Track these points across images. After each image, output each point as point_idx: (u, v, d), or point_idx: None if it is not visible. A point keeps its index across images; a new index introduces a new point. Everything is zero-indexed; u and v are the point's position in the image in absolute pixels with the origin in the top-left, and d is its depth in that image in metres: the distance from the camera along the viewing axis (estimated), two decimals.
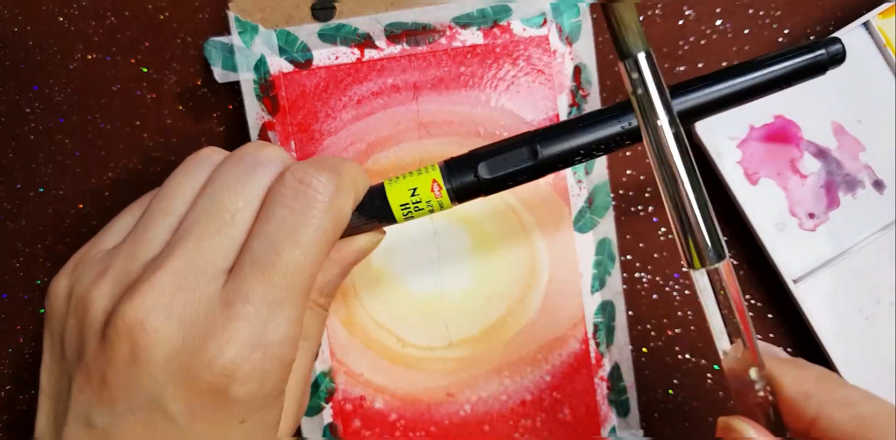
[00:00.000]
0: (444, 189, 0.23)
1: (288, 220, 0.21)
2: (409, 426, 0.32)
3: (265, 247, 0.21)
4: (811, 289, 0.32)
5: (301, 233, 0.21)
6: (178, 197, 0.23)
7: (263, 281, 0.21)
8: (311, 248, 0.21)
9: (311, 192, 0.22)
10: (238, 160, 0.23)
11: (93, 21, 0.34)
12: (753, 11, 0.33)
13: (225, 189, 0.22)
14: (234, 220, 0.22)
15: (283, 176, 0.22)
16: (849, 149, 0.32)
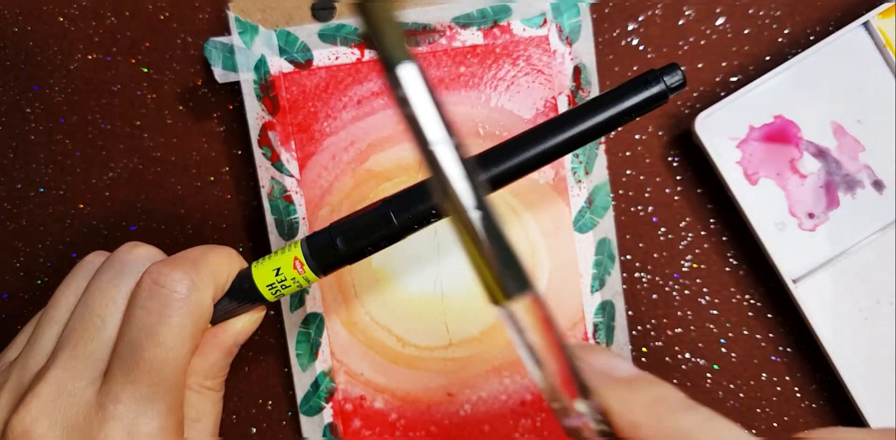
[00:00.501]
0: (307, 265, 0.24)
1: (146, 322, 0.23)
2: (409, 426, 0.32)
3: (128, 349, 0.23)
4: (811, 290, 0.32)
5: (160, 333, 0.23)
6: (62, 306, 0.25)
7: (130, 381, 0.23)
8: (172, 346, 0.23)
9: (164, 291, 0.23)
10: (109, 265, 0.25)
11: (93, 21, 0.34)
12: (753, 11, 0.33)
13: (95, 295, 0.24)
14: (104, 324, 0.24)
15: (141, 278, 0.24)
16: (848, 149, 0.32)
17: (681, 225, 0.34)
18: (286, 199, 0.32)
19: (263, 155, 0.32)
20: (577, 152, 0.32)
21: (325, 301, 0.32)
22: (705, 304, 0.34)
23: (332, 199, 0.32)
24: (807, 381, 0.34)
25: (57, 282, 0.34)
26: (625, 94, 0.23)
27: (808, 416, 0.34)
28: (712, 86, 0.33)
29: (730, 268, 0.34)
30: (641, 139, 0.34)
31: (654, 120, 0.33)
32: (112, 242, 0.34)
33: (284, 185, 0.32)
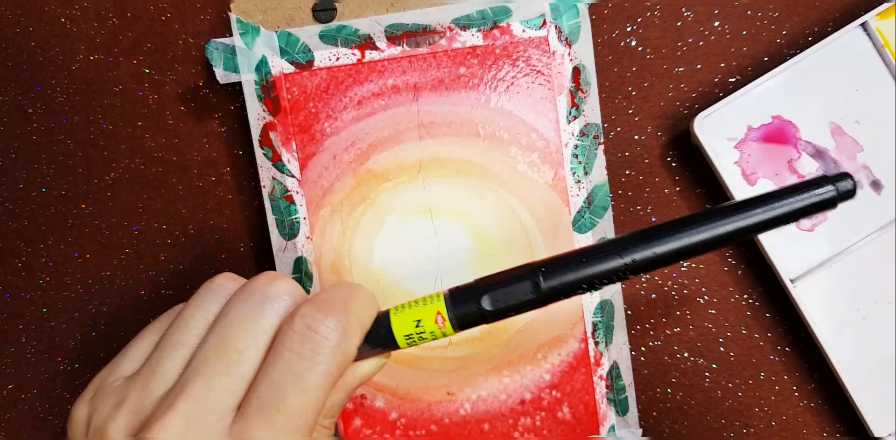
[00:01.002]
0: (448, 320, 0.24)
1: (294, 366, 0.22)
2: (409, 425, 0.33)
3: (271, 392, 0.22)
4: (809, 289, 0.32)
5: (307, 379, 0.22)
6: (190, 329, 0.24)
7: (269, 424, 0.22)
8: (315, 393, 0.22)
9: (318, 337, 0.22)
10: (248, 295, 0.24)
11: (95, 22, 0.34)
12: (751, 13, 0.33)
13: (234, 326, 0.23)
14: (241, 359, 0.23)
15: (293, 319, 0.23)
16: (846, 149, 0.32)
17: None
18: (287, 199, 0.32)
19: (264, 155, 0.32)
20: (575, 153, 0.32)
21: None
22: (704, 304, 0.34)
23: (333, 199, 0.32)
24: (805, 381, 0.34)
25: (59, 282, 0.34)
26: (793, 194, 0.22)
27: (806, 416, 0.34)
28: (711, 86, 0.34)
29: (728, 268, 0.34)
30: (640, 139, 0.34)
31: (653, 120, 0.34)
32: (114, 242, 0.34)
33: (285, 185, 0.32)
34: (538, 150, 0.32)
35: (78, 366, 0.35)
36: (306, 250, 0.32)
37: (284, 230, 0.32)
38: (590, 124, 0.32)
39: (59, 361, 0.35)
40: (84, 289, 0.35)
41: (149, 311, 0.35)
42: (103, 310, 0.35)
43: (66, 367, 0.35)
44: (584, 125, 0.32)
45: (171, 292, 0.35)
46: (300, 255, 0.32)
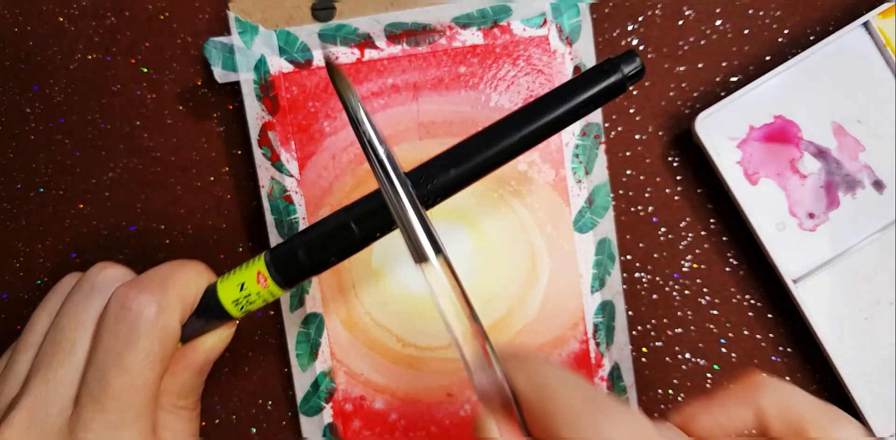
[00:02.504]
0: (270, 280, 0.24)
1: (112, 347, 0.22)
2: (409, 426, 0.32)
3: (96, 376, 0.23)
4: (811, 290, 0.32)
5: (126, 359, 0.22)
6: (36, 330, 0.25)
7: (98, 409, 0.22)
8: (140, 372, 0.22)
9: (131, 315, 0.23)
10: (79, 287, 0.25)
11: (93, 21, 0.34)
12: (753, 11, 0.33)
13: (66, 318, 0.24)
14: (73, 349, 0.23)
15: (109, 301, 0.23)
16: (848, 149, 0.32)
17: (681, 225, 0.34)
18: (286, 199, 0.32)
19: (263, 155, 0.32)
20: (576, 152, 0.32)
21: (325, 301, 0.32)
22: (705, 304, 0.34)
23: (332, 199, 0.32)
24: (807, 381, 0.34)
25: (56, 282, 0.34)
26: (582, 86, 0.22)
27: None
28: (712, 86, 0.33)
29: (730, 269, 0.34)
30: (641, 139, 0.34)
31: (654, 120, 0.33)
32: (112, 242, 0.34)
33: (284, 185, 0.32)
34: (538, 149, 0.32)
35: None
36: None
37: (283, 230, 0.32)
38: (591, 124, 0.32)
39: None
40: None
41: None
42: None
43: None
44: (585, 125, 0.32)
45: None
46: None
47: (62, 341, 0.23)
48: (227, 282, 0.24)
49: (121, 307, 0.23)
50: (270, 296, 0.24)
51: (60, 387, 0.23)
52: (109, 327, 0.23)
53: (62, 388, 0.23)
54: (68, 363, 0.23)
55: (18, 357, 0.25)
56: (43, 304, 0.26)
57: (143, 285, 0.23)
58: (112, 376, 0.22)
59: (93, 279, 0.25)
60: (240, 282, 0.24)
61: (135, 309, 0.23)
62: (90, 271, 0.25)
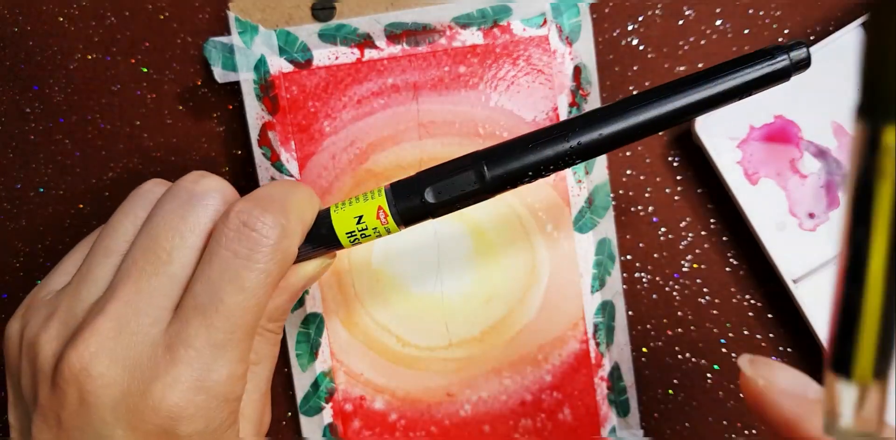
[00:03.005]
0: (390, 215, 0.23)
1: (231, 265, 0.21)
2: (409, 426, 0.32)
3: (207, 291, 0.21)
4: (811, 290, 0.32)
5: (245, 278, 0.21)
6: (119, 235, 0.23)
7: (206, 325, 0.21)
8: (255, 292, 0.22)
9: (255, 235, 0.22)
10: (175, 194, 0.23)
11: (93, 21, 0.34)
12: (753, 11, 0.33)
13: (161, 225, 0.22)
14: (171, 258, 0.22)
15: (228, 216, 0.22)
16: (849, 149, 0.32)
17: (681, 225, 0.34)
18: None
19: (263, 155, 0.32)
20: None
21: (324, 301, 0.32)
22: (705, 304, 0.34)
23: (332, 199, 0.32)
24: None
25: None
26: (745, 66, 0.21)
27: None
28: None
29: (730, 268, 0.34)
30: None
31: None
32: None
33: None
34: None
35: None
36: None
37: None
38: None
39: None
40: None
41: None
42: None
43: None
44: None
45: None
46: None
47: (157, 249, 0.22)
48: (342, 213, 0.23)
49: (243, 224, 0.21)
50: (386, 232, 0.23)
51: (155, 296, 0.22)
52: (229, 244, 0.21)
53: (157, 299, 0.22)
54: (164, 273, 0.22)
55: (98, 260, 0.23)
56: (124, 210, 0.24)
57: (266, 205, 0.22)
58: (227, 293, 0.21)
59: (190, 188, 0.23)
60: (357, 214, 0.23)
61: (259, 229, 0.21)
62: (185, 179, 0.24)
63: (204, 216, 0.23)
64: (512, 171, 0.23)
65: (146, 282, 0.22)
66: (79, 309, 0.22)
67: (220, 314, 0.21)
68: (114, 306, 0.21)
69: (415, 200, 0.23)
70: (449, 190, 0.23)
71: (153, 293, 0.22)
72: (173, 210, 0.23)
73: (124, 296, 0.22)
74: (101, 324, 0.21)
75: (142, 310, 0.22)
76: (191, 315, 0.21)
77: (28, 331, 0.23)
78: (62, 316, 0.22)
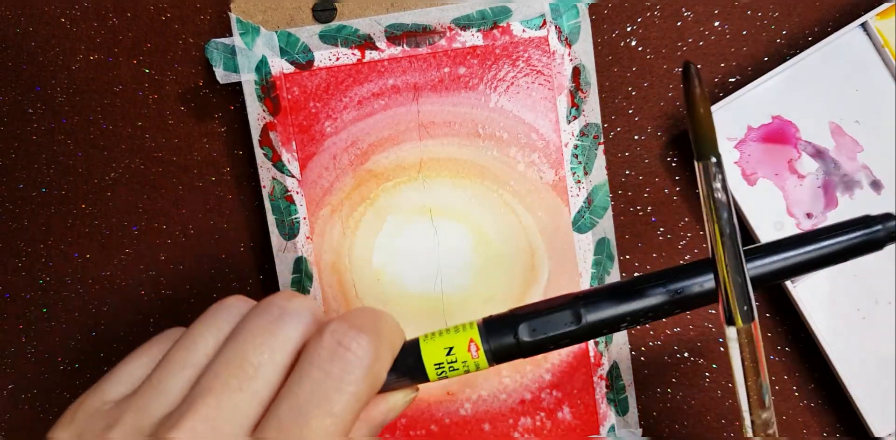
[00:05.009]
0: (482, 350, 0.22)
1: (322, 385, 0.20)
2: (409, 424, 0.33)
3: (294, 413, 0.20)
4: (809, 290, 0.32)
5: (334, 401, 0.20)
6: (199, 348, 0.22)
7: None
8: (342, 418, 0.20)
9: (350, 355, 0.20)
10: (264, 310, 0.22)
11: (95, 22, 0.34)
12: (751, 13, 0.33)
13: (249, 340, 0.21)
14: (257, 374, 0.21)
15: (322, 335, 0.21)
16: (846, 149, 0.32)
17: (679, 225, 0.34)
18: (287, 199, 0.32)
19: (264, 155, 0.32)
20: (575, 153, 0.32)
21: (325, 301, 0.33)
22: None
23: (333, 199, 0.32)
24: (805, 381, 0.34)
25: (58, 281, 0.35)
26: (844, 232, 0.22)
27: (806, 416, 0.34)
28: (711, 86, 0.34)
29: None
30: (640, 140, 0.34)
31: (653, 121, 0.34)
32: (114, 242, 0.34)
33: (285, 186, 0.32)
34: (538, 150, 0.32)
35: (78, 366, 0.35)
36: (306, 250, 0.32)
37: (284, 230, 0.32)
38: (590, 124, 0.32)
39: (59, 361, 0.35)
40: (84, 289, 0.35)
41: (149, 311, 0.35)
42: (103, 310, 0.35)
43: (66, 367, 0.35)
44: (584, 125, 0.32)
45: (171, 292, 0.35)
46: (300, 255, 0.32)
47: (244, 364, 0.21)
48: (432, 343, 0.23)
49: (338, 344, 0.21)
50: (475, 367, 0.22)
51: (236, 414, 0.20)
52: (322, 363, 0.20)
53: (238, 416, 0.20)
54: (249, 389, 0.20)
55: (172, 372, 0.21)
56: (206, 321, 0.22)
57: (361, 326, 0.21)
58: (314, 416, 0.20)
59: (283, 305, 0.22)
60: (448, 345, 0.22)
61: (354, 350, 0.20)
62: (276, 296, 0.22)
63: (295, 334, 0.21)
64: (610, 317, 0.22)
65: (228, 398, 0.20)
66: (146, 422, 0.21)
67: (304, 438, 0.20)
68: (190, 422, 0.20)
69: (508, 336, 0.22)
70: (543, 329, 0.22)
71: (235, 410, 0.20)
72: (263, 325, 0.21)
73: (203, 411, 0.20)
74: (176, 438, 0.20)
75: (220, 427, 0.20)
76: (273, 437, 0.20)
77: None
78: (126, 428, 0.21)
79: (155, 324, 0.35)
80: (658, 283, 0.22)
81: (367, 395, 0.21)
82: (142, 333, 0.35)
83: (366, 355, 0.21)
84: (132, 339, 0.35)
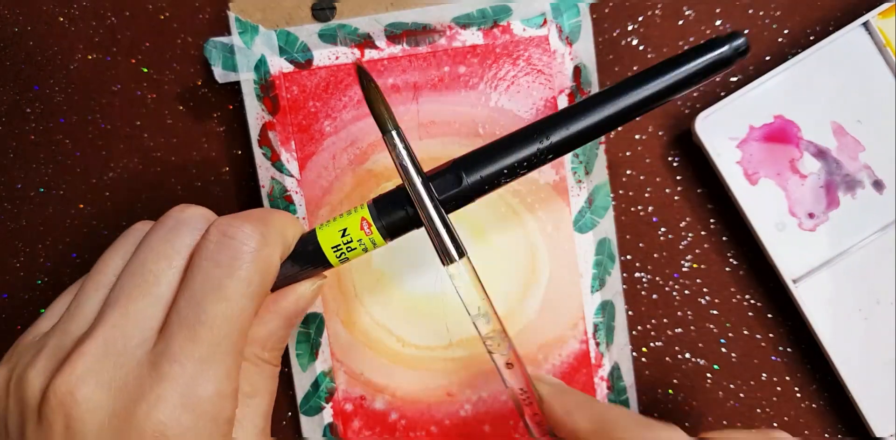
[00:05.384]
0: (374, 226, 0.24)
1: (213, 274, 0.21)
2: (409, 426, 0.32)
3: (191, 304, 0.21)
4: (811, 290, 0.32)
5: (226, 286, 0.21)
6: (108, 269, 0.23)
7: (190, 338, 0.21)
8: (237, 301, 0.21)
9: (235, 243, 0.22)
10: (162, 223, 0.24)
11: (93, 21, 0.34)
12: (753, 11, 0.33)
13: (148, 252, 0.23)
14: (157, 280, 0.22)
15: (208, 230, 0.22)
16: (848, 149, 0.32)
17: (681, 225, 0.34)
18: (286, 199, 0.32)
19: (264, 155, 0.32)
20: (577, 152, 0.32)
21: (325, 301, 0.32)
22: (705, 304, 0.34)
23: (333, 199, 0.32)
24: (807, 381, 0.34)
25: (57, 281, 0.34)
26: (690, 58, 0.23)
27: (807, 416, 0.34)
28: (712, 86, 0.33)
29: (730, 268, 0.34)
30: (641, 139, 0.34)
31: (654, 120, 0.34)
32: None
33: (285, 185, 0.32)
34: None
35: None
36: None
37: None
38: None
39: None
40: None
41: None
42: None
43: None
44: None
45: None
46: None
47: (144, 273, 0.22)
48: (327, 229, 0.24)
49: (223, 234, 0.22)
50: (372, 245, 0.24)
51: (141, 318, 0.22)
52: (210, 254, 0.22)
53: (143, 320, 0.22)
54: (151, 294, 0.22)
55: (87, 294, 0.23)
56: (115, 246, 0.24)
57: (245, 217, 0.23)
58: (209, 302, 0.21)
59: (176, 215, 0.24)
60: (342, 227, 0.24)
61: (238, 237, 0.22)
62: (172, 210, 0.24)
63: (189, 238, 0.23)
64: (488, 174, 0.23)
65: (133, 305, 0.22)
66: (67, 341, 0.22)
67: (204, 325, 0.21)
68: (101, 331, 0.21)
69: (398, 211, 0.24)
70: None
71: (139, 315, 0.22)
72: (161, 236, 0.23)
73: (111, 321, 0.21)
74: (88, 349, 0.21)
75: (128, 333, 0.21)
76: (175, 330, 0.21)
77: (16, 371, 0.22)
78: (49, 351, 0.22)
79: None
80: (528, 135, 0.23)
81: (259, 279, 0.22)
82: None
83: (251, 241, 0.22)
84: None
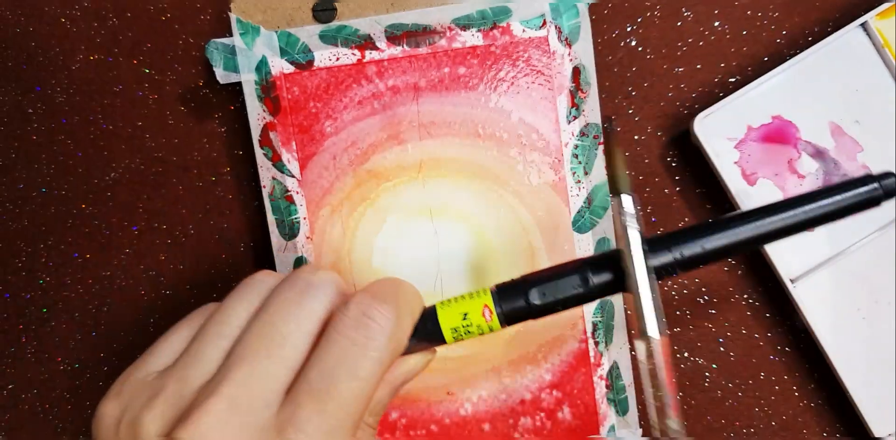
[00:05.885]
0: (495, 314, 0.24)
1: (348, 352, 0.22)
2: (409, 425, 0.33)
3: (323, 377, 0.22)
4: (809, 289, 0.32)
5: (360, 366, 0.22)
6: (232, 321, 0.23)
7: (318, 410, 0.21)
8: (368, 382, 0.22)
9: (373, 324, 0.22)
10: (291, 283, 0.24)
11: (95, 22, 0.34)
12: (751, 13, 0.33)
13: (277, 312, 0.23)
14: (286, 343, 0.22)
15: (347, 306, 0.23)
16: (846, 149, 0.32)
17: (679, 225, 0.34)
18: (287, 199, 0.32)
19: (265, 155, 0.32)
20: (576, 153, 0.32)
21: None
22: (704, 304, 0.34)
23: (333, 199, 0.32)
24: (805, 381, 0.34)
25: (58, 281, 0.35)
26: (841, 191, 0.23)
27: (806, 415, 0.34)
28: (711, 86, 0.34)
29: (728, 268, 0.34)
30: (640, 140, 0.34)
31: (653, 121, 0.34)
32: (114, 242, 0.34)
33: (285, 185, 0.32)
34: (538, 150, 0.32)
35: (78, 366, 0.35)
36: (306, 250, 0.32)
37: (284, 230, 0.32)
38: (590, 124, 0.32)
39: (59, 361, 0.35)
40: (84, 289, 0.35)
41: (149, 311, 0.35)
42: (103, 310, 0.35)
43: (66, 367, 0.35)
44: (584, 125, 0.32)
45: (171, 292, 0.35)
46: (300, 255, 0.32)
47: (274, 334, 0.22)
48: (448, 309, 0.25)
49: (363, 315, 0.22)
50: (489, 330, 0.24)
51: (268, 380, 0.22)
52: (347, 332, 0.22)
53: (270, 382, 0.22)
54: (278, 357, 0.22)
55: (208, 342, 0.23)
56: (238, 296, 0.24)
57: (382, 296, 0.23)
58: (342, 379, 0.22)
59: (308, 278, 0.24)
60: (463, 311, 0.24)
61: (377, 319, 0.22)
62: (301, 270, 0.24)
63: (320, 305, 0.23)
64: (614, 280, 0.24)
65: (261, 365, 0.22)
66: (186, 391, 0.22)
67: (334, 400, 0.21)
68: (227, 388, 0.21)
69: (519, 301, 0.24)
70: (553, 292, 0.24)
71: (267, 376, 0.22)
72: (290, 298, 0.23)
73: (237, 378, 0.21)
74: (213, 406, 0.21)
75: (254, 393, 0.21)
76: (304, 400, 0.21)
77: (129, 413, 0.22)
78: (168, 397, 0.22)
79: (155, 324, 0.35)
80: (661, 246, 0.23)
81: (389, 360, 0.23)
82: (142, 333, 0.35)
83: (388, 324, 0.22)
84: (132, 339, 0.35)
